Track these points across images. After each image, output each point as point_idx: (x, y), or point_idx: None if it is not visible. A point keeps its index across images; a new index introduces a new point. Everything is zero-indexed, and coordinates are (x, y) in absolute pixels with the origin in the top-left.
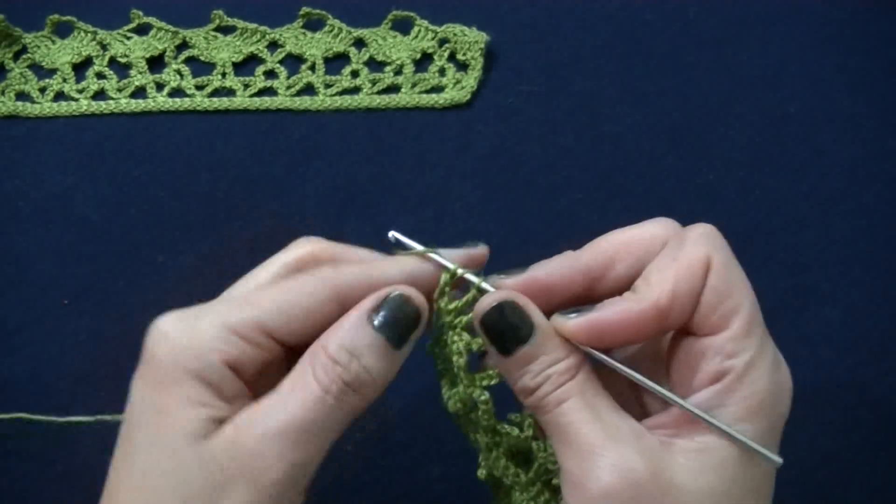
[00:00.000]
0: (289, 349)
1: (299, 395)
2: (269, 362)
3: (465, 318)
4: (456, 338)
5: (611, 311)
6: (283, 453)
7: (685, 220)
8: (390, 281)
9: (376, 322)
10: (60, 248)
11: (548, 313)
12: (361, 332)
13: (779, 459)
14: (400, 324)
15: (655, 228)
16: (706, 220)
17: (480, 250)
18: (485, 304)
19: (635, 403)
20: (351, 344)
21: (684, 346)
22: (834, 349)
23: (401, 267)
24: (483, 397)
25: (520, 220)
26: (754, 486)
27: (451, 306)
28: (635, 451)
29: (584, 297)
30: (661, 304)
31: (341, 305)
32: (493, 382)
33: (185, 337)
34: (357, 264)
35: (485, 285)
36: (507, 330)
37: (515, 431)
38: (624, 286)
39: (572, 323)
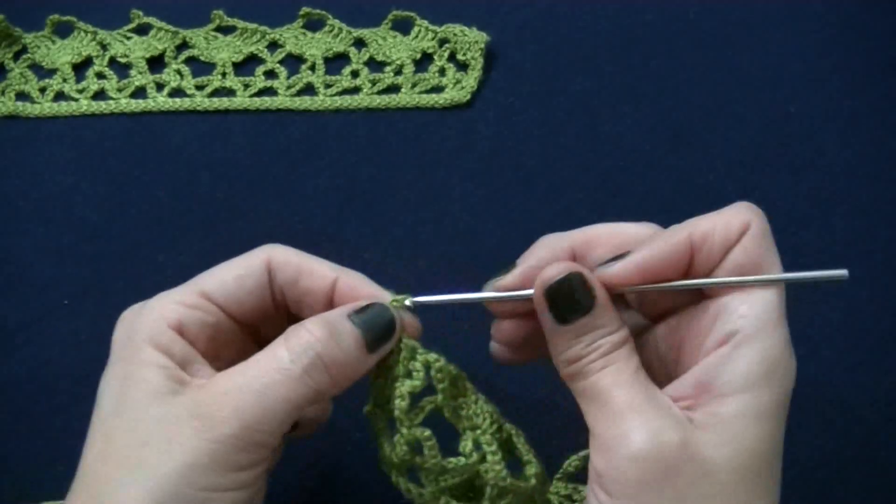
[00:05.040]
0: (246, 329)
1: (266, 361)
2: (215, 327)
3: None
4: (398, 384)
5: (649, 248)
6: (240, 410)
7: (685, 220)
8: (323, 266)
9: (356, 321)
10: (60, 248)
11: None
12: (341, 322)
13: (844, 272)
14: (376, 328)
15: (640, 227)
16: None
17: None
18: (550, 274)
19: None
20: (332, 324)
21: (699, 310)
22: (834, 349)
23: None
24: (426, 433)
25: (520, 220)
26: (767, 459)
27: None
28: (668, 418)
29: None
30: (694, 237)
31: (272, 274)
32: (431, 407)
33: (137, 315)
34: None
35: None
36: (570, 300)
37: (462, 461)
38: None
39: (618, 267)
